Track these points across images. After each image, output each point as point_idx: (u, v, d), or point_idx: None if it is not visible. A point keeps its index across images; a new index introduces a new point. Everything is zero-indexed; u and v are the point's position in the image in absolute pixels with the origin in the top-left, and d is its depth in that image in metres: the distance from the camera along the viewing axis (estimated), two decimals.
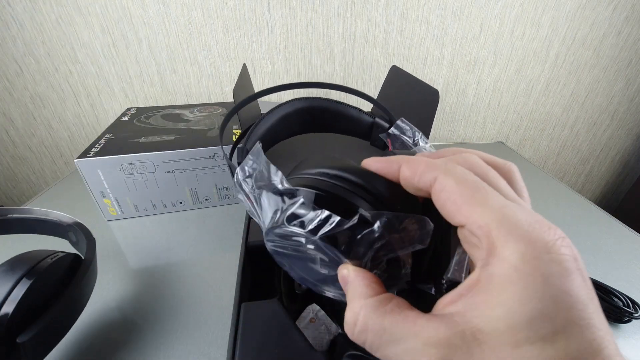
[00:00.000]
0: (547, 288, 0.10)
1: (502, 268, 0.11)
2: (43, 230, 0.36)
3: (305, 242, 0.15)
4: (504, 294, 0.11)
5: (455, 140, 0.87)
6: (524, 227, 0.11)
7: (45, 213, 0.36)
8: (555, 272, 0.10)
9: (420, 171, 0.14)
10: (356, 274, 0.15)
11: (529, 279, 0.10)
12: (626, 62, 0.80)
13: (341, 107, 0.31)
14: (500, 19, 0.70)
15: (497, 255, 0.11)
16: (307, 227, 0.15)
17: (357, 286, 0.14)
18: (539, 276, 0.10)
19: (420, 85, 0.45)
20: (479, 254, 0.12)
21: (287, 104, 0.31)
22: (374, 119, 0.32)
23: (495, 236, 0.11)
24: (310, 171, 0.17)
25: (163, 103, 0.72)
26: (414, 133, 0.26)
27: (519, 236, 0.11)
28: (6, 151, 0.73)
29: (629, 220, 0.56)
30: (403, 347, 0.12)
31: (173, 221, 0.49)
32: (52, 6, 0.59)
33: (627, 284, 0.40)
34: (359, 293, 0.14)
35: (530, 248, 0.11)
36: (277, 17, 0.64)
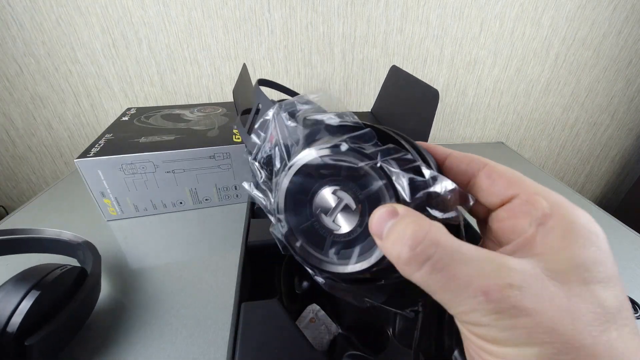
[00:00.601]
0: (600, 241, 0.12)
1: (562, 222, 0.12)
2: (55, 250, 0.39)
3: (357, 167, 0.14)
4: (567, 242, 0.12)
5: (455, 140, 0.87)
6: (568, 202, 0.13)
7: (58, 233, 0.38)
8: (599, 233, 0.12)
9: (470, 159, 0.16)
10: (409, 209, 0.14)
11: (587, 232, 0.12)
12: (626, 62, 0.80)
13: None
14: (500, 18, 0.70)
15: (555, 214, 0.13)
16: (368, 151, 0.15)
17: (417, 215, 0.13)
18: (593, 231, 0.12)
19: (420, 85, 0.45)
20: (529, 220, 0.13)
21: None
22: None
23: (551, 201, 0.13)
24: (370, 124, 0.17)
25: (163, 103, 0.72)
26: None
27: (570, 205, 0.13)
28: (6, 151, 0.73)
29: (629, 220, 0.56)
30: (476, 268, 0.11)
31: (173, 221, 0.49)
32: (52, 6, 0.59)
33: (627, 284, 0.40)
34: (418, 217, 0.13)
35: (580, 213, 0.13)
36: (277, 17, 0.64)
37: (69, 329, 0.29)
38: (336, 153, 0.15)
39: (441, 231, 0.12)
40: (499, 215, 0.15)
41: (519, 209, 0.14)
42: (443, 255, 0.12)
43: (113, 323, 0.34)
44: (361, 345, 0.27)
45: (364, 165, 0.14)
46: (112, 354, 0.31)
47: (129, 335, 0.33)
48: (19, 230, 0.38)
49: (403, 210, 0.13)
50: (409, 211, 0.13)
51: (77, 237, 0.38)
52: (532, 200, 0.14)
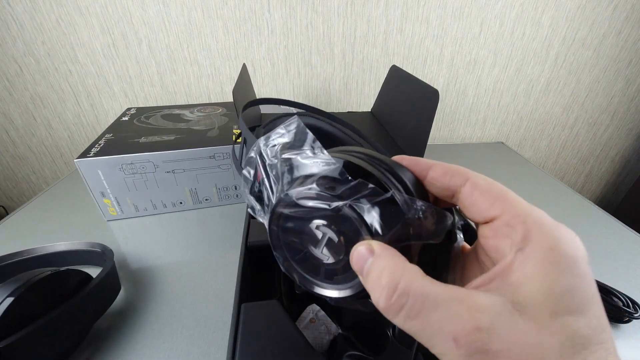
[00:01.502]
0: (577, 268, 0.12)
1: (538, 249, 0.12)
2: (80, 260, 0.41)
3: (330, 208, 0.15)
4: (542, 270, 0.12)
5: (455, 140, 0.87)
6: (550, 221, 0.13)
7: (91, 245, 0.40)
8: (581, 256, 0.12)
9: (453, 172, 0.16)
10: (384, 246, 0.14)
11: (563, 258, 0.12)
12: (626, 62, 0.80)
13: (342, 136, 0.33)
14: (500, 19, 0.70)
15: (534, 239, 0.12)
16: (337, 191, 0.15)
17: (388, 256, 0.14)
18: (571, 257, 0.12)
19: (420, 85, 0.45)
20: (510, 242, 0.13)
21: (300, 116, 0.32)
22: None
23: (531, 224, 0.13)
24: (344, 151, 0.17)
25: (163, 103, 0.72)
26: None
27: (551, 226, 0.13)
28: (6, 151, 0.73)
29: (629, 220, 0.56)
30: (447, 313, 0.12)
31: (173, 221, 0.49)
32: (52, 6, 0.59)
33: (627, 284, 0.40)
34: (393, 261, 0.14)
35: (562, 235, 0.13)
36: (277, 17, 0.64)
37: (59, 333, 0.28)
38: (307, 197, 0.16)
39: (413, 277, 0.13)
40: (484, 232, 0.15)
41: (500, 230, 0.14)
42: (415, 303, 0.12)
43: (113, 323, 0.34)
44: (361, 345, 0.27)
45: (334, 207, 0.15)
46: (112, 354, 0.31)
47: (128, 335, 0.33)
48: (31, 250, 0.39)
49: (378, 248, 0.14)
50: (384, 250, 0.14)
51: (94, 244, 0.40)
52: (512, 223, 0.13)
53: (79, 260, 0.40)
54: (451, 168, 0.16)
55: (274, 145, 0.18)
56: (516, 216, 0.13)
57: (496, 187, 0.15)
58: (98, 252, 0.39)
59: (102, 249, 0.39)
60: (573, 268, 0.12)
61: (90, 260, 0.40)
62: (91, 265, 0.40)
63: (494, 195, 0.14)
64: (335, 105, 0.77)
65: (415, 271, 0.13)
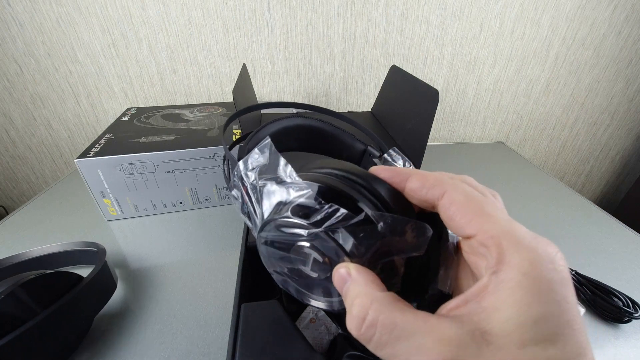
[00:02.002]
0: (551, 293, 0.11)
1: (512, 274, 0.12)
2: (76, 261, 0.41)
3: (306, 235, 0.15)
4: (513, 297, 0.11)
5: (455, 140, 0.87)
6: (529, 240, 0.12)
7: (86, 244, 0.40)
8: (558, 280, 0.12)
9: (430, 184, 0.15)
10: (360, 270, 0.15)
11: (536, 284, 0.11)
12: (626, 62, 0.80)
13: (337, 132, 0.33)
14: (500, 19, 0.70)
15: (508, 262, 0.12)
16: (312, 219, 0.15)
17: (364, 282, 0.14)
18: (545, 282, 0.11)
19: (420, 85, 0.45)
20: (486, 263, 0.13)
21: (290, 118, 0.32)
22: (366, 147, 0.33)
23: (506, 246, 0.12)
24: (319, 169, 0.18)
25: (163, 103, 0.72)
26: (405, 163, 0.27)
27: (527, 247, 0.12)
28: (6, 151, 0.73)
29: (629, 220, 0.56)
30: (413, 344, 0.12)
31: (173, 221, 0.49)
32: (52, 6, 0.59)
33: (627, 284, 0.40)
34: (366, 288, 0.14)
35: (537, 257, 0.12)
36: (277, 17, 0.64)
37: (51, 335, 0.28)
38: (285, 225, 0.16)
39: (381, 310, 0.13)
40: (464, 246, 0.15)
41: (477, 249, 0.14)
42: (383, 334, 0.13)
43: (112, 323, 0.34)
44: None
45: (310, 235, 0.15)
46: (112, 354, 0.31)
47: (128, 335, 0.33)
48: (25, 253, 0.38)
49: (354, 272, 0.15)
50: (359, 275, 0.14)
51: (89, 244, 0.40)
52: (487, 244, 0.13)
53: (74, 261, 0.40)
54: (428, 179, 0.15)
55: (252, 168, 0.18)
56: (492, 237, 0.13)
57: (474, 203, 0.14)
58: (94, 252, 0.39)
59: (97, 249, 0.39)
60: (547, 294, 0.11)
61: (86, 260, 0.40)
62: (88, 265, 0.40)
63: (470, 212, 0.14)
64: (335, 105, 0.77)
65: (385, 301, 0.13)
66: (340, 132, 0.33)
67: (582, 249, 0.47)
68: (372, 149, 0.33)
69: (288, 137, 0.32)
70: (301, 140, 0.33)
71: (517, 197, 0.59)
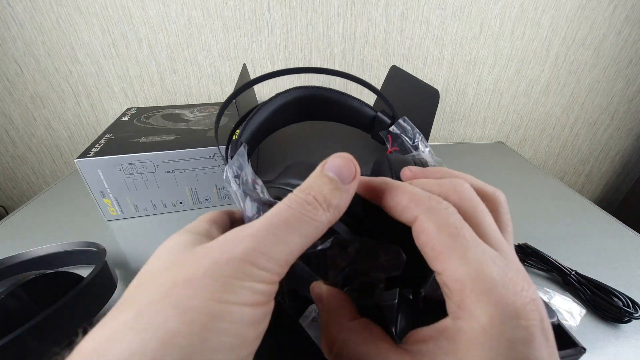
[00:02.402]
0: (511, 353, 0.10)
1: (471, 326, 0.11)
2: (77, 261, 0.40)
3: None
4: (470, 352, 0.11)
5: (455, 140, 0.87)
6: (497, 287, 0.11)
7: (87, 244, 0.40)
8: (520, 338, 0.11)
9: (403, 205, 0.14)
10: (330, 294, 0.15)
11: (494, 342, 0.11)
12: (626, 62, 0.80)
13: (342, 98, 0.30)
14: (500, 19, 0.70)
15: (468, 312, 0.11)
16: None
17: (332, 309, 0.15)
18: (504, 341, 0.10)
19: (420, 85, 0.45)
20: (450, 304, 0.12)
21: (285, 93, 0.29)
22: (376, 113, 0.30)
23: (468, 294, 0.11)
24: (292, 182, 0.17)
25: (163, 103, 0.72)
26: (415, 134, 0.25)
27: (491, 298, 0.11)
28: (6, 151, 0.73)
29: (629, 220, 0.56)
30: None
31: (173, 221, 0.49)
32: (52, 6, 0.59)
33: (627, 284, 0.40)
34: (334, 317, 0.14)
35: (500, 312, 0.11)
36: (277, 17, 0.64)
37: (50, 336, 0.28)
38: None
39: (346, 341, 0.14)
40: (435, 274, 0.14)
41: (442, 287, 0.13)
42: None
43: None
44: None
45: None
46: None
47: None
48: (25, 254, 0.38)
49: (326, 297, 0.15)
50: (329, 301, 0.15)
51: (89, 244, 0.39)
52: (451, 287, 0.12)
53: (75, 261, 0.40)
54: (401, 199, 0.14)
55: (236, 175, 0.18)
56: (456, 280, 0.12)
57: (444, 235, 0.12)
58: (94, 252, 0.39)
59: (97, 249, 0.39)
60: (506, 353, 0.10)
61: (86, 260, 0.40)
62: (88, 265, 0.40)
63: (438, 246, 0.12)
64: None
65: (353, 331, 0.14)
66: (345, 98, 0.30)
67: (582, 249, 0.47)
68: (383, 116, 0.30)
69: (288, 113, 0.30)
70: (303, 114, 0.30)
71: (517, 197, 0.59)
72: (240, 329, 0.10)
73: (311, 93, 0.29)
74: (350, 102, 0.30)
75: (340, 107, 0.30)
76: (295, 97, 0.29)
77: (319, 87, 0.30)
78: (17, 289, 0.26)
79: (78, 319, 0.31)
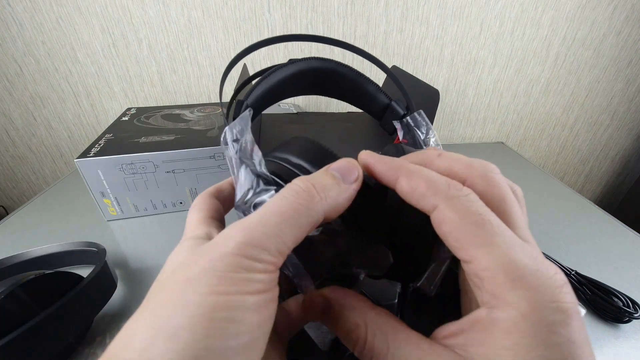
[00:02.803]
0: (553, 336, 0.10)
1: (508, 314, 0.11)
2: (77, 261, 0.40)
3: None
4: (510, 339, 0.11)
5: (455, 140, 0.87)
6: (530, 273, 0.11)
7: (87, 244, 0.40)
8: (560, 321, 0.11)
9: (420, 192, 0.13)
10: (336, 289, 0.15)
11: (536, 327, 0.10)
12: (626, 62, 0.80)
13: (361, 79, 0.28)
14: (500, 19, 0.70)
15: (504, 301, 0.11)
16: None
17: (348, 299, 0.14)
18: (545, 325, 0.10)
19: (420, 85, 0.45)
20: (481, 294, 0.12)
21: (302, 61, 0.27)
22: (391, 101, 0.29)
23: (502, 282, 0.11)
24: (291, 159, 0.16)
25: (163, 103, 0.72)
26: (428, 130, 0.24)
27: (527, 284, 0.11)
28: (6, 151, 0.73)
29: (629, 220, 0.56)
30: None
31: (173, 221, 0.49)
32: (52, 6, 0.59)
33: (627, 284, 0.40)
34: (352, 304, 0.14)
35: (538, 296, 0.11)
36: (277, 17, 0.64)
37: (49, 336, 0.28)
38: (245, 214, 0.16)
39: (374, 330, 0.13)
40: (462, 266, 0.13)
41: (471, 277, 0.12)
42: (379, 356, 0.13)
43: (112, 323, 0.34)
44: None
45: None
46: None
47: None
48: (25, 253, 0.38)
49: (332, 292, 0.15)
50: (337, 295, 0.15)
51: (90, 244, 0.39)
52: (481, 277, 0.12)
53: (75, 261, 0.40)
54: (419, 185, 0.13)
55: (235, 139, 0.18)
56: (487, 269, 0.11)
57: (469, 224, 0.12)
58: (94, 252, 0.39)
59: (97, 249, 0.39)
60: (549, 337, 0.10)
61: (86, 260, 0.40)
62: (88, 265, 0.40)
63: (463, 236, 0.12)
64: (336, 105, 0.77)
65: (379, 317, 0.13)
66: (363, 80, 0.29)
67: (582, 249, 0.47)
68: (397, 106, 0.29)
69: (303, 82, 0.28)
70: (317, 86, 0.29)
71: None
72: (240, 316, 0.10)
73: (330, 67, 0.27)
74: (367, 85, 0.29)
75: (355, 88, 0.29)
76: (313, 67, 0.27)
77: (338, 62, 0.28)
78: (17, 289, 0.26)
79: (78, 319, 0.31)
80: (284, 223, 0.12)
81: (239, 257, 0.11)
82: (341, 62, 0.28)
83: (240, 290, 0.11)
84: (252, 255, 0.11)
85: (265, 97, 0.27)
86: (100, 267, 0.33)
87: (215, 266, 0.11)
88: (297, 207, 0.12)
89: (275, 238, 0.12)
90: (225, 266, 0.11)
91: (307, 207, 0.12)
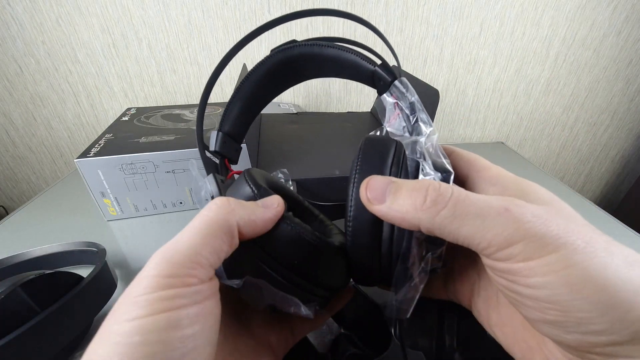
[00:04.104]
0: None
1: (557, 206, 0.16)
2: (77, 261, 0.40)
3: None
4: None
5: (455, 140, 0.87)
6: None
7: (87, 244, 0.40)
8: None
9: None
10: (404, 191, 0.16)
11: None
12: (626, 62, 0.80)
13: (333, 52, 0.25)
14: (500, 19, 0.70)
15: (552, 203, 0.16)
16: None
17: None
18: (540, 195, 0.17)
19: (420, 85, 0.45)
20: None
21: (268, 58, 0.24)
22: (375, 67, 0.25)
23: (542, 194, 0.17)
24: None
25: (163, 103, 0.72)
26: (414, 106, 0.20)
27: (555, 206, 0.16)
28: (6, 151, 0.73)
29: (629, 220, 0.56)
30: (490, 223, 0.13)
31: (173, 221, 0.49)
32: (52, 6, 0.59)
33: None
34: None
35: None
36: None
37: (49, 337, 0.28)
38: None
39: (452, 185, 0.16)
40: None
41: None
42: (458, 207, 0.14)
43: None
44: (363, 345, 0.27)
45: None
46: None
47: None
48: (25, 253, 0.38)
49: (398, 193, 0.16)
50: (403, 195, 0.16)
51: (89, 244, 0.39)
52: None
53: (75, 261, 0.40)
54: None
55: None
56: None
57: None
58: (94, 252, 0.39)
59: (97, 249, 0.38)
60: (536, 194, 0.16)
61: (86, 260, 0.40)
62: (88, 265, 0.40)
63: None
64: (335, 105, 0.77)
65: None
66: (337, 52, 0.25)
67: None
68: (382, 72, 0.25)
69: (276, 81, 0.26)
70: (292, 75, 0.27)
71: None
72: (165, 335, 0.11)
73: (295, 53, 0.24)
74: (344, 56, 0.25)
75: (333, 63, 0.25)
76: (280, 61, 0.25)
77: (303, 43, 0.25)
78: (17, 289, 0.26)
79: (78, 319, 0.31)
80: (196, 235, 0.13)
81: (156, 278, 0.12)
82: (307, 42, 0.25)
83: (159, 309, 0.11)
84: (166, 273, 0.12)
85: (241, 116, 0.26)
86: (100, 267, 0.33)
87: (131, 292, 0.12)
88: (208, 220, 0.14)
89: (187, 251, 0.13)
90: (142, 290, 0.12)
91: (223, 218, 0.14)
